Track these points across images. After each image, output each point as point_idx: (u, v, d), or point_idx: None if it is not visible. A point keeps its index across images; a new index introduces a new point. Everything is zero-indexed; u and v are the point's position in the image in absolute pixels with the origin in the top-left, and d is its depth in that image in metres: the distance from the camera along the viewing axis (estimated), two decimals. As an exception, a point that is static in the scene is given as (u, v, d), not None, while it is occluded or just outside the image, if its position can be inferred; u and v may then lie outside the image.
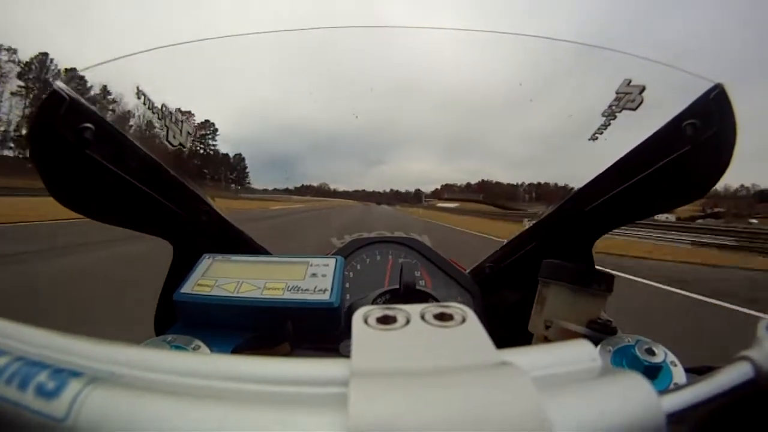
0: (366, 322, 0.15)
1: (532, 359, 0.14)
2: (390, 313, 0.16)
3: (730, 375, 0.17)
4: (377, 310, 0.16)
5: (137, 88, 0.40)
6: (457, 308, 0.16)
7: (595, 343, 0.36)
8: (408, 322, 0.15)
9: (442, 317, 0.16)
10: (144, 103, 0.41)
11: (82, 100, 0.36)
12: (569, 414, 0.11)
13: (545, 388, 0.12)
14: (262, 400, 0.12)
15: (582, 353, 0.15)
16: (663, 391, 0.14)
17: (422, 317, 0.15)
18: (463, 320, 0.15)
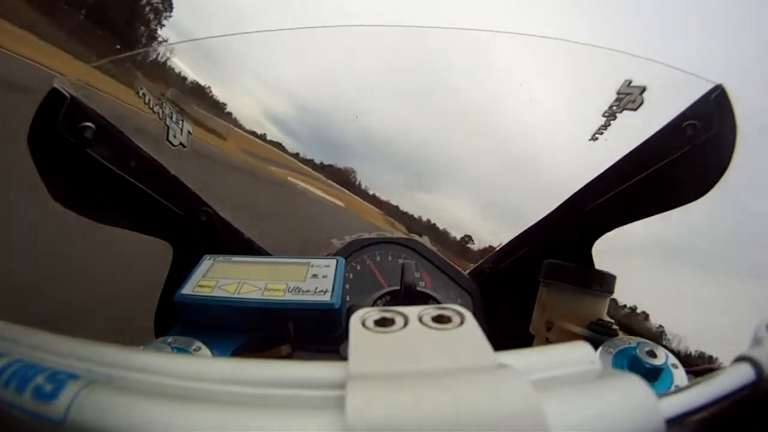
0: (363, 324, 0.15)
1: (529, 361, 0.14)
2: (387, 315, 0.16)
3: (731, 376, 0.17)
4: (374, 313, 0.16)
5: (138, 88, 0.40)
6: (455, 310, 0.16)
7: (597, 345, 0.36)
8: (406, 324, 0.15)
9: (440, 319, 0.15)
10: (145, 103, 0.41)
11: (82, 99, 0.37)
12: (567, 417, 0.11)
13: (543, 391, 0.12)
14: (258, 403, 0.12)
15: (581, 355, 0.15)
16: (662, 394, 0.14)
17: (420, 319, 0.15)
18: (461, 322, 0.15)
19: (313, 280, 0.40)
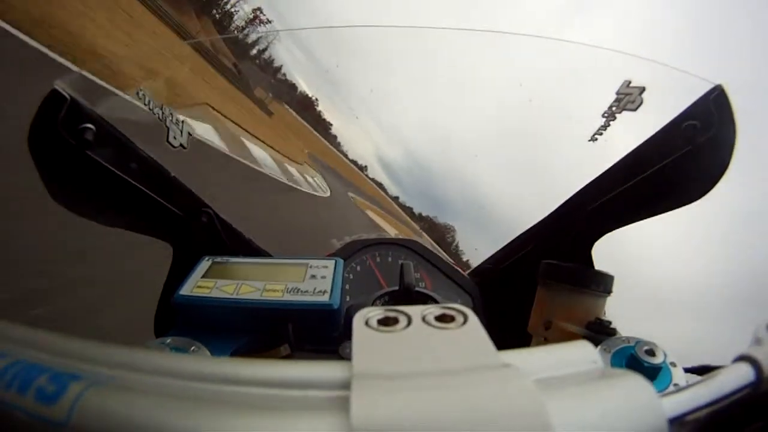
0: (367, 324, 0.15)
1: (533, 361, 0.14)
2: (391, 314, 0.16)
3: (731, 376, 0.17)
4: (378, 312, 0.16)
5: (138, 89, 0.40)
6: (459, 310, 0.16)
7: (595, 344, 0.36)
8: (409, 323, 0.15)
9: (444, 319, 0.15)
10: (145, 104, 0.41)
11: (83, 100, 0.36)
12: (571, 416, 0.11)
13: (547, 390, 0.12)
14: (263, 403, 0.12)
15: (583, 355, 0.15)
16: (664, 394, 0.14)
17: (423, 319, 0.15)
18: (464, 322, 0.15)
19: (311, 280, 0.40)
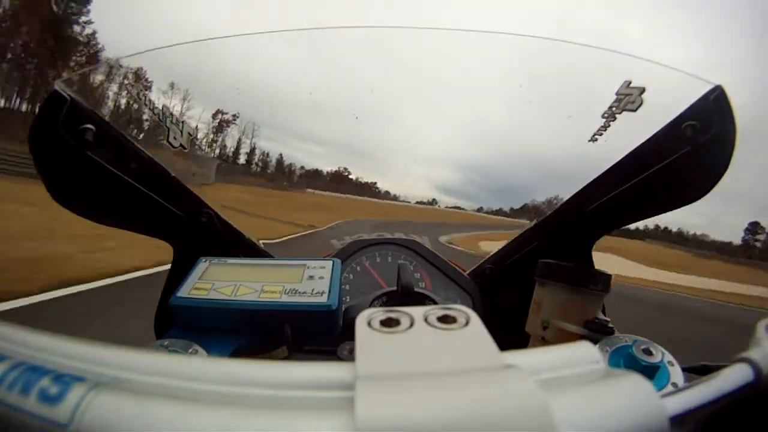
0: (369, 325, 0.15)
1: (536, 361, 0.14)
2: (393, 315, 0.16)
3: (731, 376, 0.17)
4: (380, 313, 0.16)
5: (138, 89, 0.40)
6: (461, 310, 0.16)
7: (593, 343, 0.36)
8: (411, 324, 0.15)
9: (446, 320, 0.16)
10: (145, 104, 0.41)
11: (83, 101, 0.36)
12: (574, 416, 0.11)
13: (550, 391, 0.12)
14: (266, 404, 0.12)
15: (586, 355, 0.15)
16: (665, 394, 0.14)
17: (426, 320, 0.15)
18: (467, 323, 0.15)
19: (309, 281, 0.40)
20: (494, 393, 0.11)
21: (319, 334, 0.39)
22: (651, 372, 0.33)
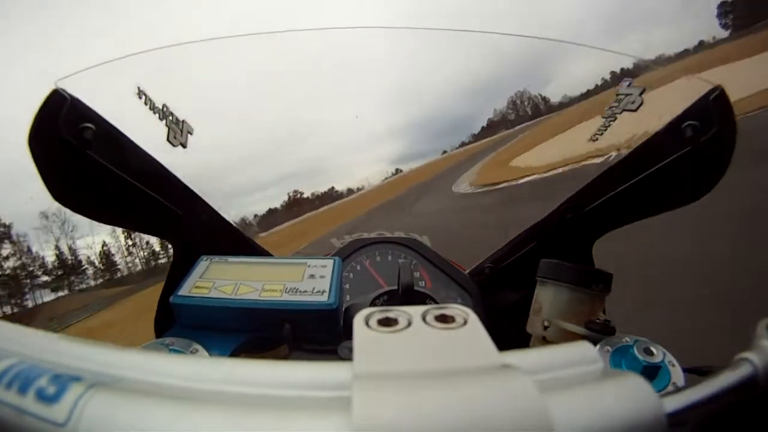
0: (367, 324, 0.15)
1: (534, 361, 0.14)
2: (391, 315, 0.16)
3: (730, 377, 0.17)
4: (378, 312, 0.16)
5: (138, 87, 0.40)
6: (459, 310, 0.16)
7: (594, 343, 0.36)
8: (409, 324, 0.15)
9: (444, 319, 0.15)
10: (145, 103, 0.41)
11: (83, 100, 0.36)
12: (572, 417, 0.11)
13: (548, 391, 0.12)
14: (264, 404, 0.12)
15: (583, 355, 0.15)
16: (664, 394, 0.14)
17: (423, 319, 0.15)
18: (465, 322, 0.15)
19: (310, 280, 0.40)
20: (491, 393, 0.11)
21: (320, 332, 0.39)
22: (652, 372, 0.33)
